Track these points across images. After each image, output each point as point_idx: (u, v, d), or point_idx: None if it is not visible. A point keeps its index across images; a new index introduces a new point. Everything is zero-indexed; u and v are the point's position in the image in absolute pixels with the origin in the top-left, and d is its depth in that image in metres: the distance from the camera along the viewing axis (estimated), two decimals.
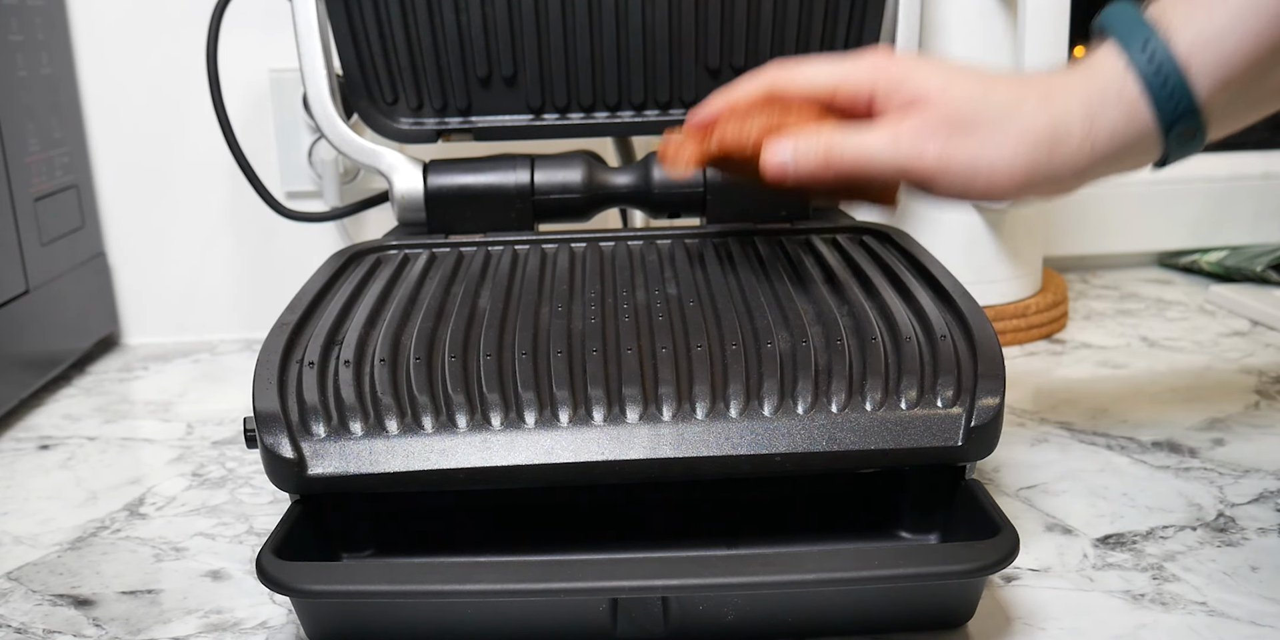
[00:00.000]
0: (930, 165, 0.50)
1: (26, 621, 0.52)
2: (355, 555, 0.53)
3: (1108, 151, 0.50)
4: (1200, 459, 0.66)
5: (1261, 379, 0.78)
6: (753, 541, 0.54)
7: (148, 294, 0.96)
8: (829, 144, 0.52)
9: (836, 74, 0.54)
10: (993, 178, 0.50)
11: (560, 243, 0.67)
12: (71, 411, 0.80)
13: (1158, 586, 0.52)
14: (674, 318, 0.55)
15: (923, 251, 0.62)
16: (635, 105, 0.74)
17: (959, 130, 0.50)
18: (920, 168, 0.50)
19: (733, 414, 0.49)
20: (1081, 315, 0.95)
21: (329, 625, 0.47)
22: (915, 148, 0.50)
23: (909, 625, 0.48)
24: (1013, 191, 0.51)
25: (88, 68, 0.91)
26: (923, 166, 0.50)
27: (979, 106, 0.50)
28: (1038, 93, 0.50)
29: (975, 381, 0.50)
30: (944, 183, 0.51)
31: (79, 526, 0.62)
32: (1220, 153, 1.08)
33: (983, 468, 0.65)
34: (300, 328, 0.55)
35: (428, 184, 0.70)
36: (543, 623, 0.46)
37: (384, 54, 0.72)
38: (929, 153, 0.50)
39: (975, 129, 0.50)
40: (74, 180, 0.89)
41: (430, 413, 0.49)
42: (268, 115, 0.92)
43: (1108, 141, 0.49)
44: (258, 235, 0.95)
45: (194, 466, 0.70)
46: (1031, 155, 0.49)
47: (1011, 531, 0.46)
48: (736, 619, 0.46)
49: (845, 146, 0.52)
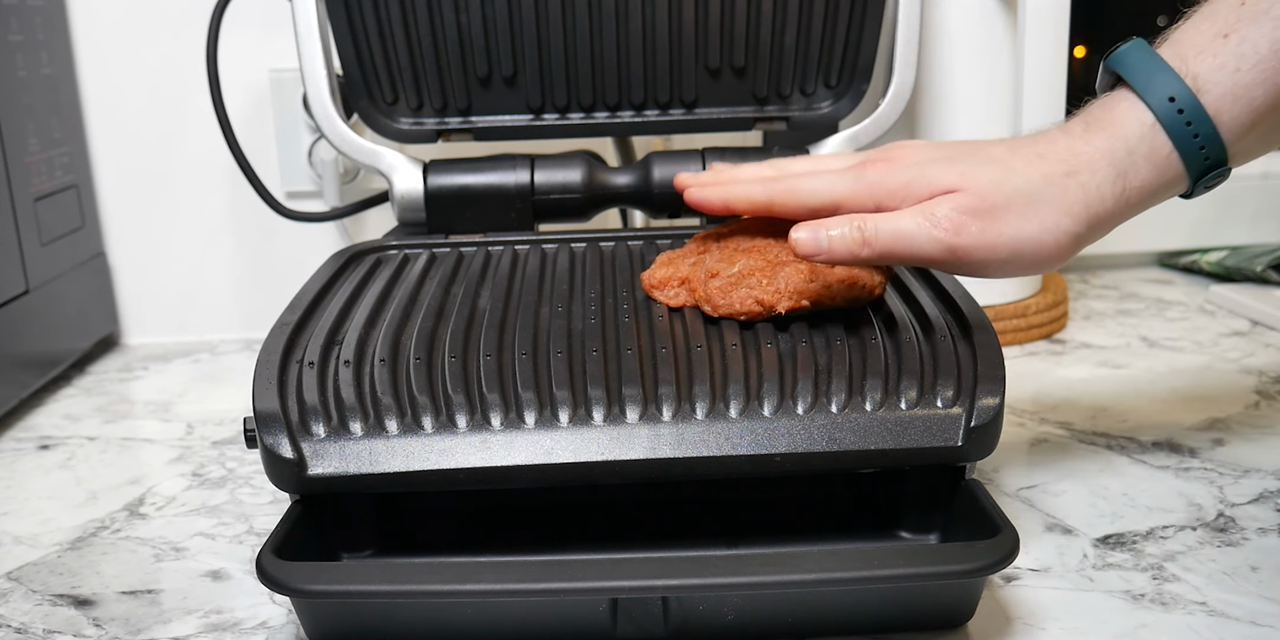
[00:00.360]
0: (972, 243, 0.49)
1: (26, 621, 0.52)
2: (355, 555, 0.53)
3: (1139, 204, 0.50)
4: (1200, 459, 0.66)
5: (1261, 379, 0.78)
6: (753, 541, 0.54)
7: (148, 294, 0.96)
8: (863, 224, 0.50)
9: (828, 189, 0.53)
10: (1039, 253, 0.49)
11: (560, 243, 0.67)
12: (71, 411, 0.80)
13: (1158, 586, 0.52)
14: (674, 318, 0.55)
15: None
16: (635, 105, 0.74)
17: (992, 214, 0.49)
18: (963, 245, 0.49)
19: (732, 414, 0.49)
20: (1081, 315, 0.95)
21: (329, 625, 0.47)
22: (954, 225, 0.49)
23: (909, 625, 0.48)
24: (1060, 262, 0.50)
25: (88, 68, 0.91)
26: (965, 243, 0.49)
27: (1006, 192, 0.49)
28: (1061, 164, 0.50)
29: (975, 381, 0.50)
30: (990, 260, 0.50)
31: (79, 526, 0.62)
32: None
33: (983, 468, 0.65)
34: (300, 328, 0.55)
35: (428, 184, 0.70)
36: (543, 623, 0.46)
37: (384, 54, 0.72)
38: (969, 231, 0.49)
39: (1008, 212, 0.49)
40: (74, 180, 0.89)
41: (430, 413, 0.49)
42: (268, 115, 0.92)
43: (1139, 195, 0.50)
44: (258, 235, 0.95)
45: (194, 466, 0.70)
46: (1073, 228, 0.49)
47: (1011, 531, 0.46)
48: (736, 619, 0.46)
49: (881, 228, 0.50)
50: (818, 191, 0.53)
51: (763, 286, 0.53)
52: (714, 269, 0.55)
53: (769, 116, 0.75)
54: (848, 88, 0.74)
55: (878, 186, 0.51)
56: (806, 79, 0.74)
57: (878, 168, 0.52)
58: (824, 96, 0.75)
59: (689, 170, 0.70)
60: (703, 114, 0.75)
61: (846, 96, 0.74)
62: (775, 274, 0.53)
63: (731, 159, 0.70)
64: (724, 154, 0.71)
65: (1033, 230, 0.49)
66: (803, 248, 0.51)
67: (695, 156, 0.71)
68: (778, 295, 0.53)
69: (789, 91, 0.74)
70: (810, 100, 0.75)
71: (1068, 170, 0.49)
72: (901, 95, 0.72)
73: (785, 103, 0.75)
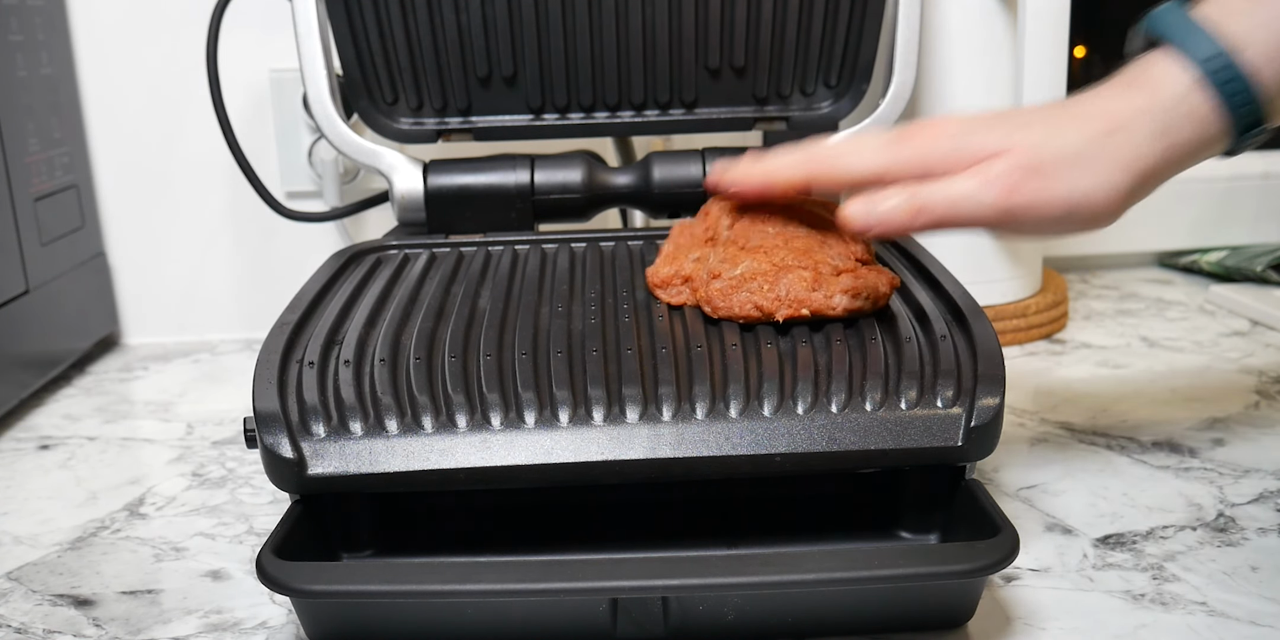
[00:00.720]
0: (1027, 201, 0.49)
1: (26, 621, 0.52)
2: (355, 555, 0.53)
3: (1181, 161, 0.50)
4: (1200, 459, 0.66)
5: (1261, 379, 0.78)
6: (753, 541, 0.54)
7: (148, 294, 0.96)
8: (915, 193, 0.49)
9: (875, 158, 0.52)
10: (1095, 208, 0.49)
11: (560, 243, 0.67)
12: (71, 411, 0.80)
13: (1158, 586, 0.52)
14: (674, 318, 0.55)
15: (923, 251, 0.62)
16: (635, 105, 0.74)
17: (1042, 172, 0.49)
18: (1019, 204, 0.49)
19: (732, 414, 0.49)
20: (1081, 315, 0.95)
21: (329, 625, 0.47)
22: (1008, 186, 0.49)
23: (909, 625, 0.48)
24: (1112, 218, 0.50)
25: (88, 68, 0.91)
26: (1020, 203, 0.49)
27: (1054, 149, 0.49)
28: (1102, 123, 0.49)
29: (975, 381, 0.50)
30: (1045, 218, 0.49)
31: (79, 526, 0.62)
32: None
33: (983, 468, 0.65)
34: (300, 328, 0.55)
35: (428, 184, 0.70)
36: (543, 623, 0.46)
37: (384, 54, 0.72)
38: (1025, 189, 0.49)
39: (1058, 169, 0.49)
40: (74, 180, 0.89)
41: (430, 413, 0.49)
42: (268, 115, 0.92)
43: (1181, 153, 0.50)
44: (258, 235, 0.95)
45: (194, 466, 0.70)
46: (1124, 183, 0.49)
47: (1011, 531, 0.46)
48: (736, 619, 0.46)
49: (934, 195, 0.49)
50: (858, 164, 0.52)
51: (763, 292, 0.53)
52: (716, 269, 0.55)
53: (769, 116, 0.75)
54: (848, 87, 0.74)
55: (923, 156, 0.51)
56: (806, 79, 0.74)
57: (919, 138, 0.51)
58: (824, 96, 0.75)
59: (689, 170, 0.71)
60: (703, 114, 0.75)
61: (846, 96, 0.74)
62: (778, 280, 0.53)
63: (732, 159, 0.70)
64: (724, 154, 0.71)
65: (1085, 186, 0.49)
66: (855, 222, 0.50)
67: (695, 156, 0.71)
68: (777, 303, 0.53)
69: (789, 91, 0.74)
70: (810, 100, 0.75)
71: (1109, 128, 0.49)
72: (901, 95, 0.72)
73: (785, 103, 0.75)
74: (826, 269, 0.54)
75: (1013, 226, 0.50)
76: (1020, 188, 0.49)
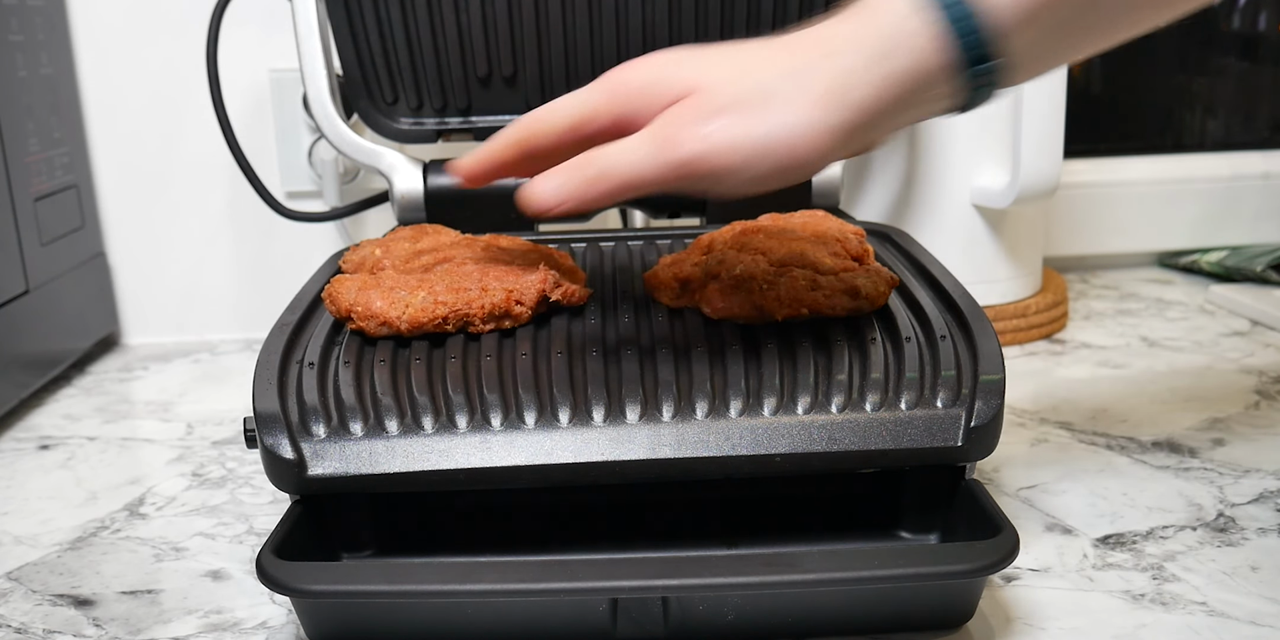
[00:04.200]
0: (706, 148, 0.44)
1: (26, 621, 0.52)
2: (355, 555, 0.53)
3: (907, 96, 0.45)
4: (1200, 459, 0.66)
5: (1261, 379, 0.78)
6: (753, 541, 0.54)
7: (148, 294, 0.96)
8: (589, 159, 0.45)
9: (572, 104, 0.47)
10: (792, 149, 0.44)
11: (560, 243, 0.67)
12: (71, 411, 0.80)
13: (1158, 586, 0.52)
14: (674, 318, 0.55)
15: (923, 251, 0.62)
16: None
17: (724, 113, 0.44)
18: (696, 151, 0.44)
19: (732, 414, 0.49)
20: (1081, 315, 0.95)
21: (329, 625, 0.47)
22: (679, 133, 0.44)
23: (909, 625, 0.48)
24: (823, 158, 0.45)
25: (88, 68, 0.91)
26: (698, 150, 0.44)
27: (742, 88, 0.44)
28: (807, 54, 0.45)
29: (975, 381, 0.50)
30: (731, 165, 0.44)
31: (79, 526, 0.62)
32: (1220, 153, 1.08)
33: (983, 468, 0.65)
34: (300, 328, 0.55)
35: (428, 184, 0.70)
36: (543, 623, 0.46)
37: (384, 54, 0.72)
38: (699, 134, 0.44)
39: (743, 109, 0.44)
40: (74, 180, 0.89)
41: (430, 413, 0.49)
42: (268, 115, 0.92)
43: (903, 83, 0.44)
44: (258, 235, 0.95)
45: (194, 466, 0.70)
46: (826, 117, 0.44)
47: (1011, 531, 0.46)
48: (736, 619, 0.46)
49: (609, 157, 0.45)
50: (560, 110, 0.47)
51: (762, 292, 0.53)
52: (715, 271, 0.55)
53: None
54: None
55: (620, 89, 0.46)
56: None
57: (612, 79, 0.47)
58: None
59: None
60: None
61: None
62: (776, 280, 0.53)
63: None
64: None
65: (774, 123, 0.44)
66: (534, 201, 0.46)
67: None
68: (776, 303, 0.53)
69: None
70: None
71: (815, 57, 0.44)
72: None
73: None
74: (825, 269, 0.54)
75: (707, 181, 0.45)
76: (692, 134, 0.44)
